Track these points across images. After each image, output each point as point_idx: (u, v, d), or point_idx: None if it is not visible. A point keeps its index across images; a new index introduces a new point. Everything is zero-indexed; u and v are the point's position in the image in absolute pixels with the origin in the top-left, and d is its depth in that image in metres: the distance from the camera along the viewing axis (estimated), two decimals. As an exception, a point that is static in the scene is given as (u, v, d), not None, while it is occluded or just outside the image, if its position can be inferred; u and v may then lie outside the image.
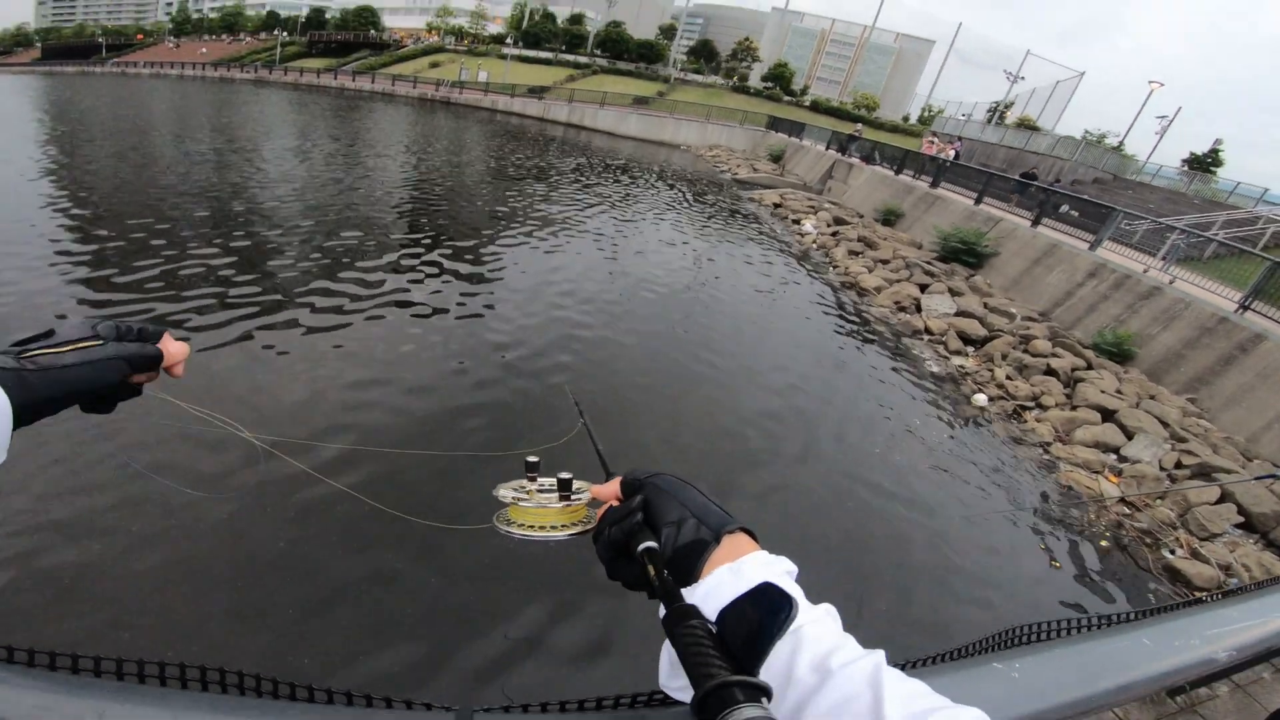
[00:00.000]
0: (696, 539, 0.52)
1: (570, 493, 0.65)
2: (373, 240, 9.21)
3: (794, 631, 0.44)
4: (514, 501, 0.66)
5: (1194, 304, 8.40)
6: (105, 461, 3.71)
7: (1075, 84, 47.96)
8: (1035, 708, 0.64)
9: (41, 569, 3.03)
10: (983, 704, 0.40)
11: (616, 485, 0.61)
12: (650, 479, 0.58)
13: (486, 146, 24.81)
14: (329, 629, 2.98)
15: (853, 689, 0.40)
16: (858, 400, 6.70)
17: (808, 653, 0.43)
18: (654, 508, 0.55)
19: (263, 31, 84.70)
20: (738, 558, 0.51)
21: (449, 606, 3.20)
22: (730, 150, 34.06)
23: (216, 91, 40.45)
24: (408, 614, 3.12)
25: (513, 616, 3.22)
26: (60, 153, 13.50)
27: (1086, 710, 0.66)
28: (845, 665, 0.42)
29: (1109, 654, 0.73)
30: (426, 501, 3.90)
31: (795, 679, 0.42)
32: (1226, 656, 0.77)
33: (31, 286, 6.19)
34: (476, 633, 3.11)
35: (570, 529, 0.64)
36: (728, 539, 0.52)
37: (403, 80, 52.44)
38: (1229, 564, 4.60)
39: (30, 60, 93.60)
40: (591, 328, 7.13)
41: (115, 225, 8.28)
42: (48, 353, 0.53)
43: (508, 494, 0.67)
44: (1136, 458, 6.09)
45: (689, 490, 0.57)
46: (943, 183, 16.21)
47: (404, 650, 2.94)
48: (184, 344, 0.66)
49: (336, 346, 5.79)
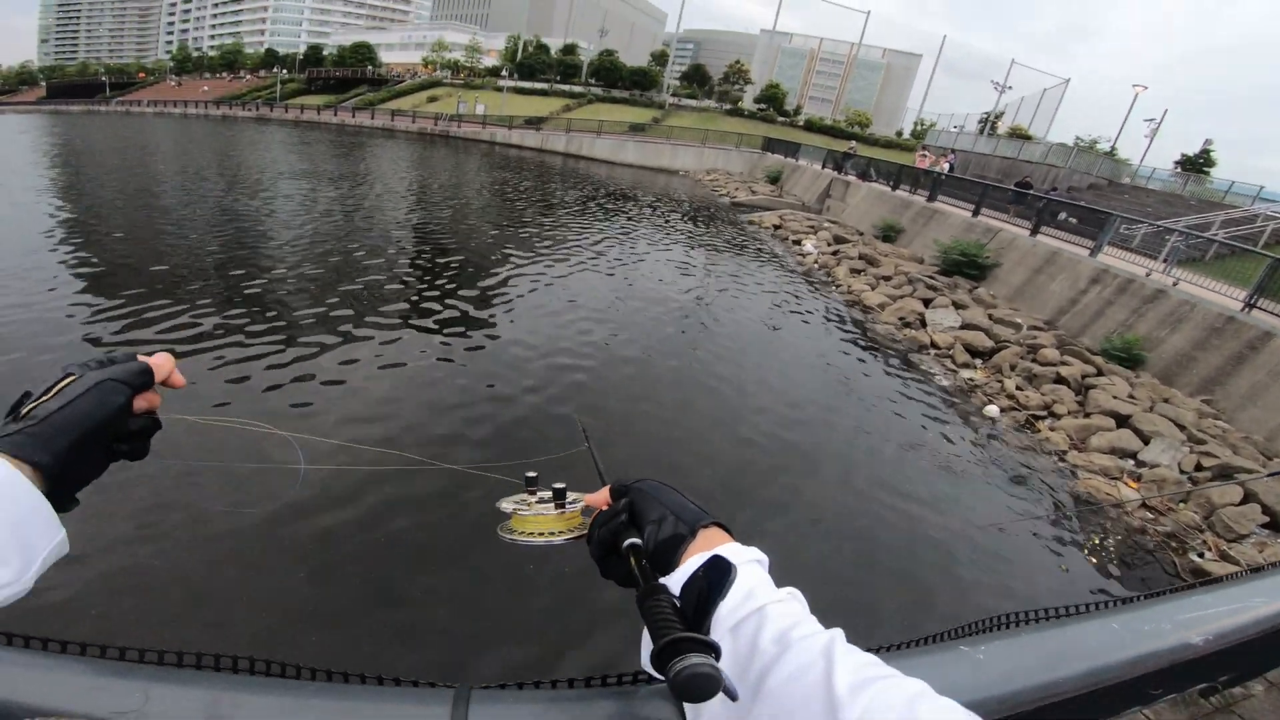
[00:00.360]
0: (675, 533, 0.57)
1: (565, 501, 0.71)
2: (383, 274, 9.36)
3: (759, 610, 0.49)
4: (514, 512, 0.72)
5: (1200, 305, 8.45)
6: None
7: (1062, 90, 48.58)
8: (1001, 691, 0.65)
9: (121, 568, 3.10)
10: (947, 687, 0.42)
11: (606, 492, 0.67)
12: (635, 484, 0.64)
13: (489, 179, 25.25)
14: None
15: (808, 659, 0.44)
16: (866, 416, 6.72)
17: (771, 627, 0.48)
18: (638, 509, 0.61)
19: (262, 69, 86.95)
20: (711, 548, 0.55)
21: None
22: (728, 173, 34.49)
23: (220, 130, 41.45)
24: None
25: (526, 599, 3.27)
26: (69, 195, 13.82)
27: (1055, 695, 0.67)
28: (804, 638, 0.46)
29: (1076, 639, 0.74)
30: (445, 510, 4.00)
31: (759, 650, 0.47)
32: (1202, 642, 0.77)
33: (40, 330, 6.34)
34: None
35: (567, 534, 0.69)
36: (703, 532, 0.58)
37: (402, 115, 53.57)
38: (1260, 565, 4.57)
39: (35, 99, 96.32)
40: (592, 356, 7.18)
41: (126, 266, 8.47)
42: (34, 406, 0.53)
43: (509, 506, 0.73)
44: (1155, 462, 6.09)
45: (669, 492, 0.63)
46: (940, 196, 16.39)
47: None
48: (163, 354, 0.65)
49: (341, 369, 5.89)
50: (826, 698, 0.41)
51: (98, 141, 30.18)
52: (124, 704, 0.46)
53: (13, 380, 5.26)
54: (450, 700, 0.53)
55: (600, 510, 0.65)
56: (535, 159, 36.39)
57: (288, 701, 0.51)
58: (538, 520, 0.70)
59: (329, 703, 0.51)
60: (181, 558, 3.50)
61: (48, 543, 0.49)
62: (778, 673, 0.45)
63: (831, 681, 0.41)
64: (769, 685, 0.45)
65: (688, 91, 64.81)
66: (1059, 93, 48.33)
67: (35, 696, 0.46)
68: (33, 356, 5.72)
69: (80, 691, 0.47)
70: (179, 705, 0.48)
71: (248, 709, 0.49)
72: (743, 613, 0.50)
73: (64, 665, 0.49)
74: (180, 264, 9.09)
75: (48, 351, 5.86)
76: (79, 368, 0.58)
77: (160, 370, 0.63)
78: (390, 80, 73.70)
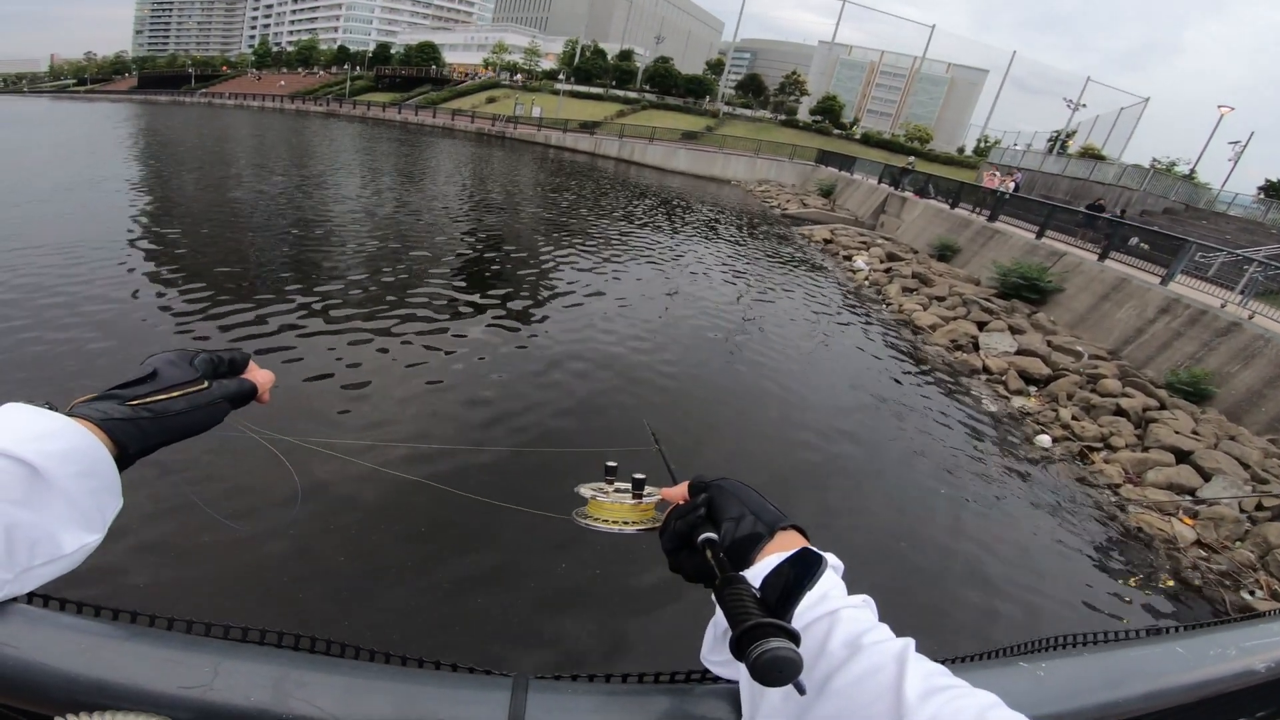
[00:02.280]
0: (753, 532, 0.58)
1: (642, 492, 0.74)
2: (442, 276, 9.86)
3: (832, 614, 0.50)
4: (592, 498, 0.74)
5: (1275, 340, 8.10)
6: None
7: (1141, 110, 46.47)
8: (1061, 708, 0.65)
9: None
10: (1007, 701, 0.42)
11: (684, 488, 0.68)
12: (715, 481, 0.65)
13: (545, 183, 25.93)
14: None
15: (880, 661, 0.45)
16: (912, 440, 6.69)
17: (842, 631, 0.49)
18: (717, 505, 0.62)
19: (334, 65, 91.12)
20: (788, 550, 0.55)
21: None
22: (780, 185, 34.35)
23: (293, 123, 43.67)
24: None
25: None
26: (155, 183, 14.95)
27: (1115, 715, 0.67)
28: (876, 643, 0.47)
29: (1139, 661, 0.74)
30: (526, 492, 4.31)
31: (828, 652, 0.47)
32: (1265, 668, 0.77)
33: (120, 309, 6.83)
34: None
35: (639, 525, 0.71)
36: (780, 534, 0.59)
37: (462, 115, 55.29)
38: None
39: (128, 88, 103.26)
40: (638, 364, 7.32)
41: (198, 257, 9.16)
42: (160, 399, 0.56)
43: (588, 492, 0.75)
44: (1214, 499, 5.94)
45: (749, 491, 0.63)
46: (1001, 216, 16.01)
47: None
48: (269, 373, 0.70)
49: (419, 361, 6.29)
50: (895, 701, 0.41)
51: (181, 134, 32.23)
52: (194, 678, 0.48)
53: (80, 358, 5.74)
54: (510, 688, 0.54)
55: (677, 504, 0.66)
56: (588, 163, 37.02)
57: (353, 681, 0.52)
58: (614, 508, 0.72)
59: (392, 685, 0.53)
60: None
61: (115, 510, 0.54)
62: (846, 674, 0.45)
63: (902, 686, 0.42)
64: (835, 685, 0.46)
65: (742, 101, 64.66)
66: (1137, 112, 46.24)
67: (109, 669, 0.47)
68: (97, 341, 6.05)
69: (156, 664, 0.48)
70: (246, 680, 0.49)
71: (313, 687, 0.50)
72: (816, 613, 0.51)
73: (139, 636, 0.51)
74: (250, 259, 9.73)
75: (115, 336, 6.21)
76: (204, 364, 0.63)
77: (261, 390, 0.68)
78: (452, 80, 76.10)
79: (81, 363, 5.56)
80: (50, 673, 0.46)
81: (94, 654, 0.48)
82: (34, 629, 0.48)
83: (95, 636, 0.50)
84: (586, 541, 3.78)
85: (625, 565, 3.87)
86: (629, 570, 3.85)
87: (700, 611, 0.59)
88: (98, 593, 1.98)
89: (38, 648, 0.47)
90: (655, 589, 3.73)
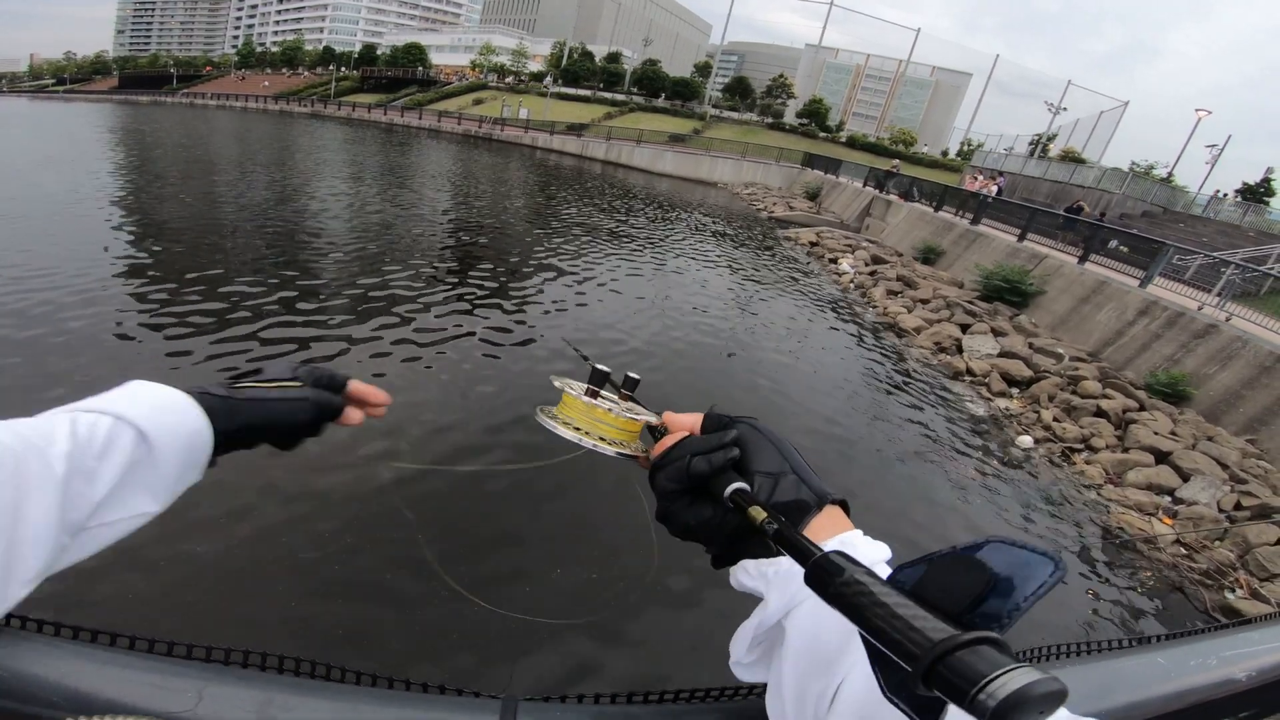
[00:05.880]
0: (799, 498, 0.47)
1: (634, 397, 0.61)
2: (424, 280, 9.76)
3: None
4: (565, 391, 0.60)
5: (1252, 342, 8.24)
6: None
7: (1120, 113, 47.27)
8: None
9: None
10: None
11: (698, 417, 0.55)
12: (745, 418, 0.53)
13: (532, 184, 25.82)
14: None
15: None
16: (895, 442, 6.72)
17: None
18: (749, 450, 0.50)
19: (319, 66, 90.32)
20: (837, 532, 0.46)
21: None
22: (766, 188, 34.53)
23: (277, 125, 43.07)
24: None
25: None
26: (133, 185, 14.69)
27: None
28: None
29: (1120, 671, 0.74)
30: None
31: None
32: (1246, 677, 0.77)
33: (97, 316, 6.62)
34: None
35: (621, 448, 0.56)
36: (828, 508, 0.48)
37: (448, 116, 55.02)
38: (1294, 609, 4.51)
39: (108, 88, 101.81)
40: (629, 369, 7.37)
41: (185, 257, 9.01)
42: (256, 387, 0.61)
43: (561, 384, 0.62)
44: (1193, 499, 6.00)
45: (789, 445, 0.52)
46: (984, 219, 16.20)
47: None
48: (382, 393, 0.70)
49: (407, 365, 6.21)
50: None
51: (166, 136, 31.70)
52: (178, 703, 0.47)
53: (60, 351, 5.71)
54: (498, 711, 0.53)
55: (687, 435, 0.51)
56: (575, 165, 36.95)
57: (339, 705, 0.51)
58: (594, 415, 0.57)
59: (380, 709, 0.52)
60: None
61: (189, 484, 0.56)
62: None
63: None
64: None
65: (729, 104, 65.02)
66: (1116, 115, 47.04)
67: (90, 692, 0.47)
68: (53, 335, 6.14)
69: (138, 689, 0.48)
70: (231, 706, 0.48)
71: (299, 711, 0.49)
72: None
73: (120, 660, 0.50)
74: (232, 259, 9.61)
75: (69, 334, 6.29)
76: (307, 374, 0.66)
77: (348, 418, 0.68)
78: (439, 82, 75.78)
79: (48, 377, 5.41)
80: (30, 696, 0.46)
81: (76, 677, 0.47)
82: (14, 651, 0.47)
83: (75, 660, 0.49)
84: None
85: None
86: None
87: (693, 612, 0.54)
88: (69, 605, 1.90)
89: (14, 674, 0.46)
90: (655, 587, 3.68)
